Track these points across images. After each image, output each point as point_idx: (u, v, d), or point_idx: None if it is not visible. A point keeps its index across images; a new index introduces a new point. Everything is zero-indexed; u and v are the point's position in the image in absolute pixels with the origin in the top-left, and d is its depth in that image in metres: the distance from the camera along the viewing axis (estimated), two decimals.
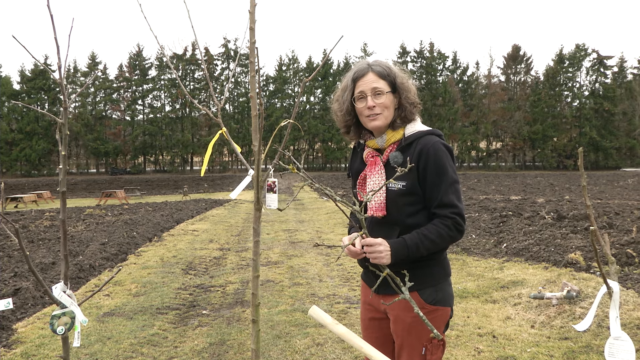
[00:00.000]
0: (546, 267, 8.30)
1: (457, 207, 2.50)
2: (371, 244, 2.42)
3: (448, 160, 2.53)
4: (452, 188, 2.50)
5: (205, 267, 9.69)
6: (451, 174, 2.52)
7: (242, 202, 25.41)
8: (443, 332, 2.62)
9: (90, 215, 19.00)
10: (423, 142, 2.55)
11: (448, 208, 2.49)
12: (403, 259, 2.46)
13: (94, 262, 9.62)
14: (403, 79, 2.67)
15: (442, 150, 2.53)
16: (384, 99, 2.61)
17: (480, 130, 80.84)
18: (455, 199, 2.50)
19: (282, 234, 13.79)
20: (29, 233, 14.04)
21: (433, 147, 2.52)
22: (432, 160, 2.50)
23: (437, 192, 2.50)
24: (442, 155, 2.52)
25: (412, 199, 2.55)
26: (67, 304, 2.28)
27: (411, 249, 2.45)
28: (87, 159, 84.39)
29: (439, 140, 2.57)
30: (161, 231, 14.47)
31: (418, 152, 2.53)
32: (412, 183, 2.53)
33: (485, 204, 18.14)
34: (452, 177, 2.51)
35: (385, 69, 2.65)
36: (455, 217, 2.49)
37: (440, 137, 2.60)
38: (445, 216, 2.49)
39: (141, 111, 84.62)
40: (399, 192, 2.56)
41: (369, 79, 2.63)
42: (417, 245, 2.45)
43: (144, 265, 9.75)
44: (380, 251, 2.41)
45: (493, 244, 10.78)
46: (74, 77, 79.13)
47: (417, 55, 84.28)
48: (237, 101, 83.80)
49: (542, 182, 39.92)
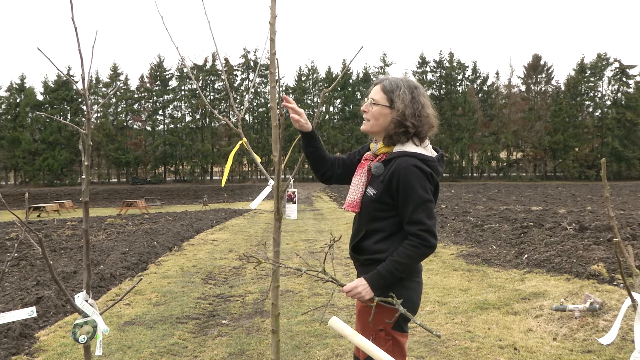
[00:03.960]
0: (568, 279, 8.20)
1: (424, 224, 2.69)
2: (349, 290, 2.73)
3: (419, 181, 2.71)
4: (421, 207, 2.70)
5: (224, 276, 9.71)
6: (421, 193, 2.70)
7: (261, 212, 25.45)
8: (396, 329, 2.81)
9: (111, 225, 19.15)
10: (398, 161, 2.77)
11: (416, 225, 2.70)
12: (384, 286, 2.72)
13: (115, 271, 9.68)
14: (405, 101, 2.83)
15: (412, 171, 2.72)
16: (375, 109, 2.87)
17: (501, 140, 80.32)
18: (424, 217, 2.69)
19: (301, 244, 13.79)
20: (51, 242, 14.19)
21: (405, 169, 2.72)
22: (402, 181, 2.72)
23: (406, 210, 2.72)
24: (412, 176, 2.70)
25: (379, 206, 2.81)
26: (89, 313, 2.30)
27: (386, 277, 2.70)
28: (108, 168, 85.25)
29: (415, 162, 2.75)
30: (181, 241, 14.54)
31: (392, 170, 2.76)
32: (381, 194, 2.79)
33: (506, 214, 17.98)
34: (421, 196, 2.70)
35: (391, 85, 2.88)
36: (422, 233, 2.69)
37: (421, 160, 2.77)
38: (412, 234, 2.71)
39: (162, 121, 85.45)
40: (370, 199, 2.84)
41: (375, 89, 2.92)
42: (391, 272, 2.70)
43: (164, 275, 9.80)
44: (359, 292, 2.71)
45: (514, 255, 10.67)
46: (95, 88, 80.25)
47: (436, 65, 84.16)
48: (257, 111, 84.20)
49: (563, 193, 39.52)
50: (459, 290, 8.09)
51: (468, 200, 31.17)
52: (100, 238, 14.95)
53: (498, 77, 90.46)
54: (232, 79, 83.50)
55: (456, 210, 21.27)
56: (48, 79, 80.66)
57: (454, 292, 7.95)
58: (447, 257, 11.01)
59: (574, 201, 29.44)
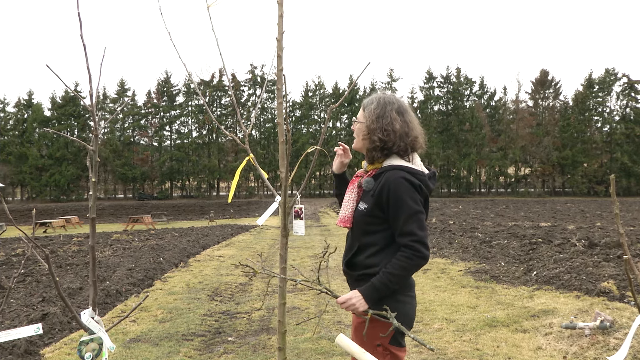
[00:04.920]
0: (578, 296, 8.14)
1: (416, 235, 2.75)
2: (343, 301, 2.77)
3: (408, 192, 2.79)
4: (412, 218, 2.76)
5: (231, 293, 9.69)
6: (411, 204, 2.78)
7: (267, 227, 25.44)
8: (393, 343, 2.84)
9: (118, 241, 19.18)
10: (387, 175, 2.86)
11: (407, 236, 2.76)
12: (378, 298, 2.76)
13: (121, 287, 9.68)
14: (371, 117, 2.98)
15: (401, 184, 2.80)
16: (357, 126, 3.05)
17: (509, 156, 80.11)
18: (415, 228, 2.76)
19: (307, 261, 13.76)
20: (57, 258, 14.22)
21: (394, 182, 2.81)
22: (392, 194, 2.80)
23: (397, 222, 2.79)
24: (401, 189, 2.79)
25: (371, 220, 2.89)
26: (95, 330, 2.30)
27: (381, 289, 2.74)
28: (114, 184, 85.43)
29: (404, 174, 2.83)
30: (187, 257, 14.54)
31: (382, 183, 2.85)
32: (372, 207, 2.87)
33: (514, 230, 17.91)
34: (411, 207, 2.77)
35: (368, 102, 3.06)
36: (414, 244, 2.74)
37: (410, 173, 2.86)
38: (405, 245, 2.76)
39: (169, 137, 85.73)
40: (362, 213, 2.93)
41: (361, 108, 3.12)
42: (385, 284, 2.74)
43: (170, 291, 9.78)
44: (353, 303, 2.75)
45: (523, 271, 10.61)
46: (103, 104, 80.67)
47: (443, 81, 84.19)
48: (264, 127, 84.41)
49: (572, 209, 39.34)
50: (467, 307, 8.04)
51: (476, 216, 31.06)
52: (107, 254, 14.97)
53: (505, 92, 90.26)
54: (239, 94, 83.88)
55: (464, 226, 21.19)
56: (56, 95, 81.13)
57: (462, 309, 7.90)
58: (455, 274, 10.95)
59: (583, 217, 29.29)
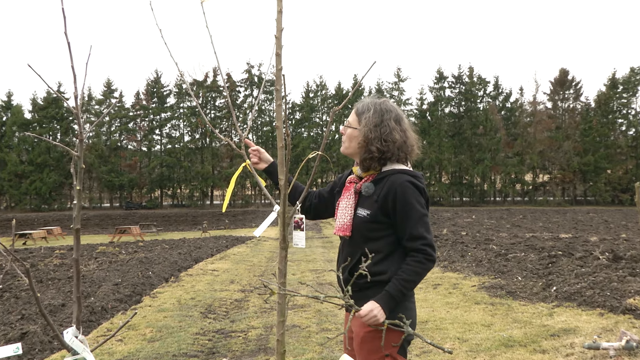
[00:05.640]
0: (602, 314, 8.12)
1: (425, 239, 2.94)
2: (364, 315, 2.85)
3: (414, 196, 2.98)
4: (420, 222, 2.95)
5: (225, 310, 9.68)
6: (418, 208, 2.97)
7: (265, 239, 25.43)
8: (400, 353, 2.98)
9: (103, 253, 19.19)
10: (392, 179, 3.02)
11: (417, 240, 2.93)
12: (394, 307, 2.90)
13: (106, 304, 9.68)
14: (369, 125, 3.10)
15: (408, 187, 2.98)
16: (348, 131, 3.19)
17: (526, 162, 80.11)
18: (423, 231, 2.95)
19: (309, 275, 13.74)
20: (38, 272, 14.22)
21: (401, 186, 2.97)
22: (399, 198, 2.96)
23: (405, 226, 2.96)
24: (408, 192, 2.97)
25: (374, 226, 3.03)
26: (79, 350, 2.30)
27: (397, 296, 2.90)
28: (100, 192, 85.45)
29: (409, 178, 3.02)
30: (178, 271, 14.54)
31: (387, 188, 3.00)
32: (375, 213, 3.02)
33: (532, 242, 17.89)
34: (419, 211, 2.96)
35: (362, 108, 3.19)
36: (424, 247, 2.93)
37: (413, 177, 3.04)
38: (415, 249, 2.94)
39: (158, 141, 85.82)
40: (363, 219, 3.05)
41: (352, 112, 3.25)
42: (400, 292, 2.90)
43: (160, 308, 9.78)
44: (374, 315, 2.84)
45: (541, 287, 10.59)
46: (88, 106, 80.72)
47: (455, 81, 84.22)
48: (261, 130, 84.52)
49: (595, 219, 39.30)
50: (481, 325, 8.03)
51: (490, 226, 31.05)
52: (91, 268, 14.97)
53: (522, 93, 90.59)
54: (235, 95, 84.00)
55: (477, 237, 21.18)
56: (37, 96, 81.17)
57: (475, 328, 7.88)
58: (468, 289, 10.94)
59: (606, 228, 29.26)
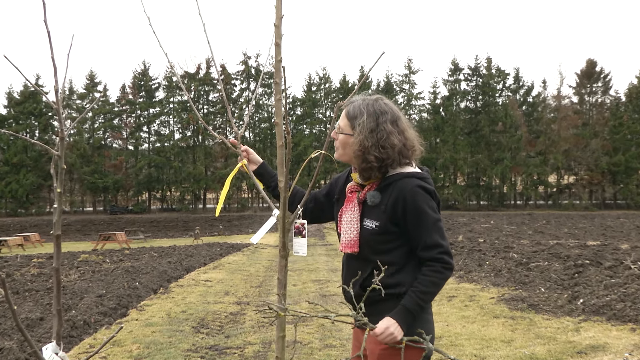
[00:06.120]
0: (633, 329, 8.11)
1: (442, 246, 2.94)
2: (381, 333, 2.84)
3: (426, 201, 2.98)
4: (434, 228, 2.96)
5: (219, 324, 9.68)
6: (431, 214, 2.97)
7: (263, 247, 25.44)
8: None
9: (86, 262, 19.20)
10: (400, 185, 3.00)
11: (433, 249, 2.94)
12: (412, 320, 2.91)
13: (89, 317, 9.68)
14: (364, 132, 3.04)
15: (419, 193, 2.97)
16: (340, 137, 3.14)
17: (549, 162, 79.94)
18: (438, 238, 2.95)
19: (311, 286, 13.74)
20: (14, 283, 14.23)
21: (410, 192, 2.96)
22: (409, 205, 2.96)
23: (419, 235, 2.96)
24: (419, 198, 2.96)
25: (385, 238, 3.02)
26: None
27: (414, 310, 2.91)
28: (82, 195, 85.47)
29: (418, 182, 3.00)
30: (168, 281, 14.54)
31: (395, 195, 2.99)
32: (385, 223, 3.00)
33: (557, 250, 17.86)
34: (432, 217, 2.97)
35: (354, 111, 3.10)
36: (442, 256, 2.94)
37: (422, 180, 3.03)
38: (432, 259, 2.94)
39: (146, 139, 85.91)
40: (372, 231, 3.03)
41: (342, 115, 3.17)
42: (418, 305, 2.91)
43: (148, 322, 9.78)
44: (391, 332, 2.84)
45: (566, 299, 10.58)
46: (69, 100, 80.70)
47: (471, 73, 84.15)
48: (259, 127, 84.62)
49: (626, 224, 39.21)
50: (500, 341, 8.02)
51: (511, 233, 31.01)
52: (72, 278, 14.98)
53: (545, 86, 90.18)
54: (230, 89, 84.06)
55: (496, 245, 21.15)
56: (13, 90, 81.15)
57: (494, 344, 7.88)
58: (486, 302, 10.93)
59: (638, 234, 29.19)
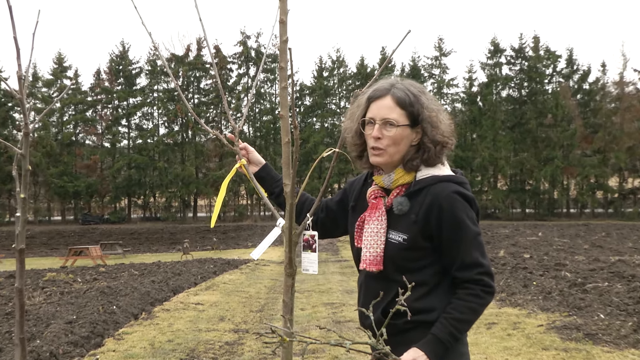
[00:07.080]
0: None
1: (482, 266, 2.88)
2: None
3: (466, 211, 2.89)
4: (474, 244, 2.88)
5: (213, 356, 9.69)
6: (471, 227, 2.88)
7: (265, 263, 25.45)
8: None
9: (53, 281, 19.24)
10: (435, 191, 2.90)
11: (473, 269, 2.87)
12: (444, 352, 2.83)
13: (57, 348, 9.70)
14: (432, 112, 2.97)
15: (458, 201, 2.89)
16: (395, 132, 2.95)
17: (609, 162, 79.56)
18: (479, 256, 2.87)
19: (322, 310, 13.73)
20: None
21: (447, 199, 2.87)
22: (446, 216, 2.86)
23: (456, 251, 2.89)
24: (459, 207, 2.88)
25: (414, 255, 2.94)
26: None
27: (447, 340, 2.82)
28: (49, 201, 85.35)
29: (455, 187, 2.92)
30: (152, 304, 14.56)
31: (428, 203, 2.89)
32: (415, 236, 2.91)
33: (619, 268, 17.79)
34: (472, 231, 2.88)
35: (408, 96, 2.96)
36: (481, 277, 2.87)
37: (460, 185, 2.95)
38: (469, 280, 2.87)
39: (125, 135, 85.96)
40: (399, 246, 2.94)
41: (384, 104, 2.97)
42: (452, 335, 2.83)
43: (127, 354, 9.80)
44: None
45: (631, 327, 10.54)
46: (33, 88, 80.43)
47: (515, 55, 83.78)
48: (260, 120, 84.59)
49: None
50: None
51: (562, 247, 30.90)
52: (37, 300, 15.03)
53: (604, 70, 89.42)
54: (226, 75, 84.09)
55: (545, 262, 21.08)
56: None
57: None
58: (532, 330, 10.90)
59: None
